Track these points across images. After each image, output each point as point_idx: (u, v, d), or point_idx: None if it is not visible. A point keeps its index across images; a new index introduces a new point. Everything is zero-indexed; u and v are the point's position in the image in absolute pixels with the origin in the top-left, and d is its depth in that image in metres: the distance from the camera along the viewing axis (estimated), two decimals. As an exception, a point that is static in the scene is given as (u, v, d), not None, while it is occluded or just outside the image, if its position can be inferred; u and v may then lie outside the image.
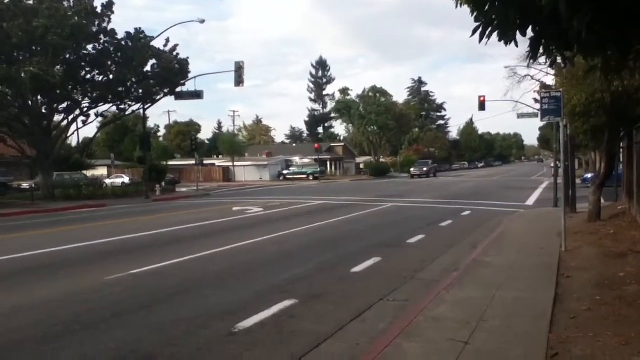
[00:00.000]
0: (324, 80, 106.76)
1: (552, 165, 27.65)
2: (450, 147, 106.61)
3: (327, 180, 59.26)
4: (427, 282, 8.39)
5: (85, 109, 33.00)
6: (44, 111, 31.75)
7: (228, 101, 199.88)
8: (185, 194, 37.97)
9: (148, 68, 32.86)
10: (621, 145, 17.05)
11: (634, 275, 7.76)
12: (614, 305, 6.41)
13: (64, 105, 31.95)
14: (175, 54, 33.71)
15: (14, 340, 5.98)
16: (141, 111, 35.47)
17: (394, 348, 5.24)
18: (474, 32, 5.03)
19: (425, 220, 17.50)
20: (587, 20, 4.31)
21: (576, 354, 4.94)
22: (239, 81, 31.28)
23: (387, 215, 19.67)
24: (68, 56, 30.00)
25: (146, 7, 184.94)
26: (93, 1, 30.26)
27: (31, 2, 28.36)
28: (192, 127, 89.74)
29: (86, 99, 32.33)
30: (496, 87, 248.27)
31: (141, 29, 31.97)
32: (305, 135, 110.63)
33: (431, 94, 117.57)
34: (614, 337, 5.29)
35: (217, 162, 70.58)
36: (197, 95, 34.61)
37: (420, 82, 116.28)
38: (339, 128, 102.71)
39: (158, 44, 33.48)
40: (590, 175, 36.77)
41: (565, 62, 6.13)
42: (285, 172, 65.13)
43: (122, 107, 34.62)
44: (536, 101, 30.72)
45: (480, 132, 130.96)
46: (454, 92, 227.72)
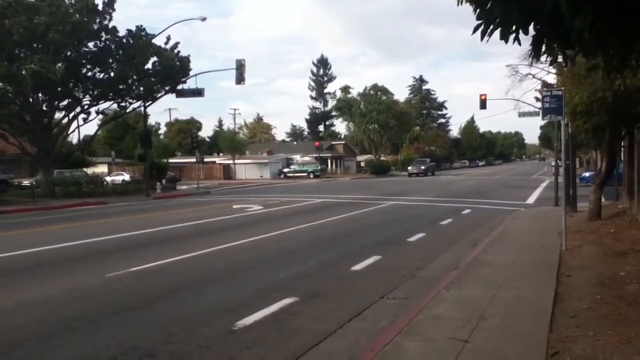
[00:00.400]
0: (325, 78, 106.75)
1: (553, 164, 27.64)
2: (451, 146, 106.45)
3: (328, 179, 59.25)
4: (427, 281, 8.39)
5: (86, 107, 33.01)
6: (44, 108, 31.76)
7: (229, 99, 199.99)
8: (186, 191, 37.99)
9: (149, 65, 32.84)
10: (622, 144, 17.04)
11: (634, 275, 7.76)
12: (614, 304, 6.41)
13: (65, 102, 31.97)
14: (176, 51, 33.70)
15: (16, 338, 5.99)
16: (142, 109, 35.48)
17: (393, 346, 5.24)
18: (475, 30, 5.02)
19: (426, 218, 17.50)
20: (589, 19, 4.29)
21: (576, 353, 4.94)
22: (240, 79, 31.26)
23: (387, 214, 19.68)
24: (69, 53, 30.04)
25: (148, 4, 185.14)
26: (94, -2, 30.26)
27: (32, 0, 28.36)
28: (193, 125, 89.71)
29: (87, 96, 32.32)
30: (497, 86, 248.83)
31: (142, 26, 31.93)
32: (306, 133, 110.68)
33: (432, 92, 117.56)
34: (614, 336, 5.29)
35: (218, 160, 70.60)
36: (198, 93, 34.59)
37: (421, 80, 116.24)
38: (340, 126, 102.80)
39: (159, 41, 33.43)
40: (588, 174, 36.67)
41: (566, 60, 6.11)
42: (285, 170, 65.14)
43: (123, 104, 34.65)
44: (537, 100, 30.59)
45: (482, 130, 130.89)
46: (455, 91, 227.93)
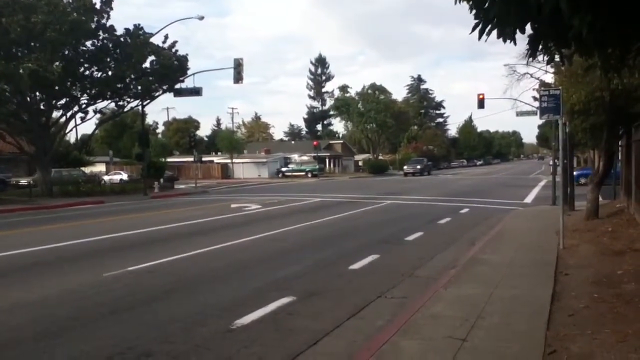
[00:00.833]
0: (323, 78, 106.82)
1: (551, 163, 27.65)
2: (449, 145, 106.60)
3: (326, 178, 59.24)
4: (425, 280, 8.39)
5: (84, 106, 32.93)
6: (42, 107, 31.67)
7: (227, 98, 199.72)
8: (184, 191, 37.94)
9: (147, 65, 32.79)
10: (620, 143, 17.06)
11: (631, 273, 7.78)
12: (611, 302, 6.41)
13: (63, 101, 31.88)
14: (174, 50, 33.66)
15: (12, 337, 5.97)
16: (140, 108, 35.48)
17: (391, 345, 5.24)
18: (473, 29, 5.02)
19: (424, 217, 17.51)
20: (588, 18, 4.29)
21: (574, 351, 4.94)
22: (237, 78, 31.26)
23: (385, 213, 19.68)
24: (67, 52, 29.93)
25: (146, 3, 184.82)
26: (92, -3, 30.17)
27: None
28: (191, 124, 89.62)
29: (85, 95, 32.27)
30: (495, 85, 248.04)
31: (140, 25, 31.88)
32: (304, 132, 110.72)
33: (430, 91, 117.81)
34: (611, 334, 5.29)
35: (216, 159, 70.57)
36: (195, 92, 34.57)
37: (419, 79, 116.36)
38: (338, 125, 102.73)
39: (157, 40, 33.50)
40: (575, 173, 36.32)
41: (562, 60, 6.10)
42: (283, 169, 65.14)
43: (121, 103, 34.57)
44: (535, 99, 30.65)
45: (479, 130, 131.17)
46: (453, 90, 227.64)
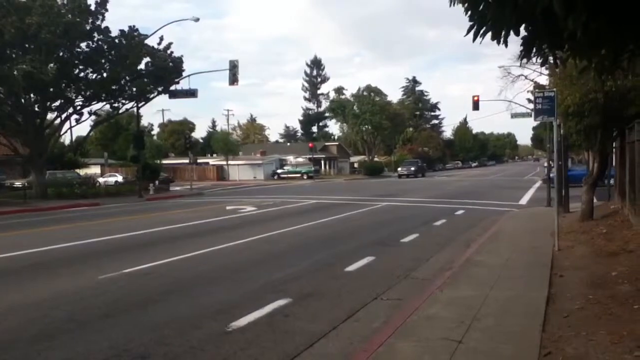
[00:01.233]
0: (319, 79, 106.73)
1: (545, 164, 27.71)
2: (444, 147, 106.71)
3: (321, 180, 59.25)
4: (420, 281, 8.41)
5: (79, 107, 32.81)
6: (36, 109, 31.52)
7: (222, 100, 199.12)
8: (179, 192, 37.87)
9: (142, 66, 32.68)
10: (614, 144, 17.14)
11: (626, 275, 7.80)
12: (606, 304, 6.43)
13: (57, 103, 31.74)
14: (169, 52, 33.54)
15: (7, 340, 5.95)
16: (135, 109, 35.38)
17: (387, 347, 5.24)
18: (468, 31, 5.03)
19: (419, 219, 17.53)
20: (583, 19, 4.30)
21: (569, 353, 4.95)
22: (233, 80, 31.22)
23: (381, 215, 19.69)
24: (61, 54, 29.81)
25: (142, 5, 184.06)
26: (86, -1, 30.09)
27: (24, 0, 28.18)
28: (186, 126, 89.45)
29: (79, 97, 32.14)
30: (490, 87, 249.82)
31: (135, 27, 31.79)
32: (300, 134, 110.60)
33: (425, 93, 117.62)
34: (606, 335, 5.31)
35: (211, 161, 70.39)
36: (191, 93, 34.49)
37: (414, 81, 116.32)
38: (334, 127, 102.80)
39: (152, 42, 33.28)
40: (553, 175, 35.80)
41: (556, 62, 6.13)
42: (279, 171, 65.07)
43: (116, 105, 34.45)
44: (530, 101, 30.79)
45: (474, 131, 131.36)
46: (448, 92, 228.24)
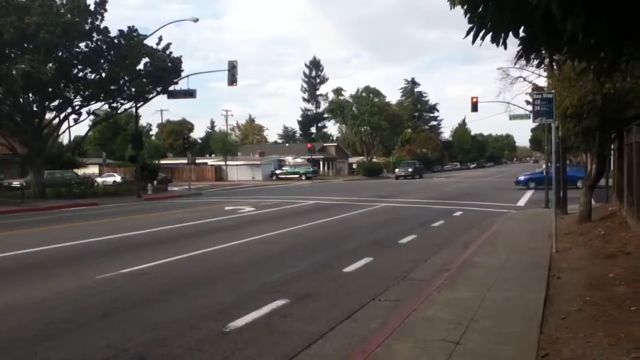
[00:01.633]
0: (318, 80, 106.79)
1: (543, 166, 27.72)
2: (442, 148, 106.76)
3: (320, 180, 59.25)
4: (418, 283, 8.41)
5: (77, 107, 32.80)
6: (35, 109, 31.50)
7: (221, 100, 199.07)
8: (177, 193, 37.85)
9: (141, 66, 32.69)
10: (612, 146, 17.16)
11: (623, 276, 7.81)
12: (603, 305, 6.44)
13: (56, 103, 31.72)
14: (168, 52, 33.58)
15: (6, 340, 5.95)
16: (133, 109, 35.35)
17: (385, 348, 5.25)
18: (467, 33, 5.04)
19: (417, 220, 17.54)
20: (581, 21, 4.31)
21: (566, 354, 4.96)
22: (232, 80, 31.22)
23: (379, 215, 19.70)
24: (60, 54, 29.78)
25: (141, 5, 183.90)
26: (86, -1, 30.07)
27: (23, 0, 28.16)
28: (185, 126, 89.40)
29: (78, 97, 32.11)
30: (489, 88, 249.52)
31: (134, 27, 31.81)
32: (298, 135, 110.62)
33: (424, 94, 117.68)
34: (603, 337, 5.32)
35: (210, 162, 70.40)
36: (189, 94, 34.49)
37: (413, 82, 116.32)
38: (332, 128, 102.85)
39: (151, 42, 33.31)
40: (523, 177, 34.88)
41: (552, 64, 6.15)
42: (277, 171, 65.08)
43: (114, 105, 34.43)
44: (528, 103, 30.84)
45: (473, 133, 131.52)
46: (447, 93, 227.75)
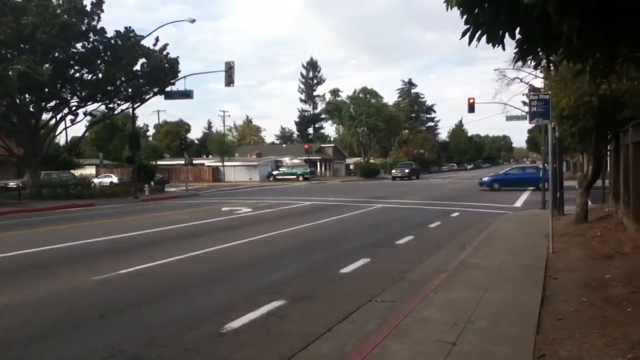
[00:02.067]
0: (315, 81, 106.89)
1: (540, 167, 27.76)
2: (439, 149, 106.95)
3: (317, 181, 59.25)
4: (415, 283, 8.41)
5: (74, 108, 32.80)
6: (31, 109, 31.49)
7: (218, 101, 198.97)
8: (175, 194, 37.80)
9: (137, 67, 32.69)
10: (608, 147, 17.22)
11: (619, 277, 7.83)
12: (600, 306, 6.45)
13: (52, 103, 31.74)
14: (165, 53, 33.59)
15: (2, 340, 5.93)
16: (130, 110, 35.34)
17: (382, 349, 5.25)
18: (463, 35, 5.05)
19: (414, 221, 17.55)
20: (577, 23, 4.32)
21: (563, 355, 4.97)
22: (229, 81, 31.25)
23: (376, 216, 19.71)
24: (57, 54, 29.75)
25: (138, 6, 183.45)
26: (82, -1, 30.04)
27: (20, 0, 28.10)
28: (182, 127, 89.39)
29: (75, 97, 32.13)
30: (486, 89, 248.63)
31: (131, 27, 31.86)
32: (296, 135, 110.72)
33: (421, 95, 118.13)
34: (600, 338, 5.33)
35: (207, 162, 70.38)
36: (186, 94, 34.51)
37: (410, 83, 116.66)
38: (329, 129, 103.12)
39: (148, 43, 33.27)
40: (487, 179, 35.13)
41: (549, 65, 6.17)
42: (275, 172, 65.08)
43: (111, 106, 34.45)
44: (525, 104, 30.91)
45: (470, 134, 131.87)
46: (444, 94, 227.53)
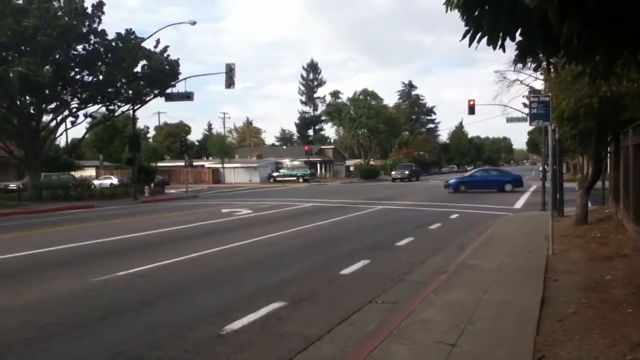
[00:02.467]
0: (315, 83, 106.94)
1: (540, 169, 27.79)
2: (439, 151, 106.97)
3: (317, 183, 59.26)
4: (415, 285, 8.41)
5: (74, 110, 32.85)
6: (32, 111, 31.53)
7: (218, 103, 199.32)
8: (175, 195, 37.80)
9: (138, 69, 32.74)
10: (608, 149, 17.23)
11: (619, 279, 7.83)
12: (600, 308, 6.45)
13: (53, 105, 31.78)
14: (165, 55, 33.63)
15: (1, 343, 5.93)
16: (131, 112, 35.37)
17: (382, 351, 5.25)
18: (463, 37, 5.05)
19: (414, 222, 17.55)
20: (577, 26, 4.33)
21: (563, 356, 4.97)
22: (229, 83, 31.26)
23: (376, 218, 19.70)
24: (57, 56, 29.80)
25: (139, 8, 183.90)
26: (83, 1, 30.04)
27: (20, 2, 28.16)
28: (182, 129, 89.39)
29: (75, 99, 32.17)
30: (486, 91, 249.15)
31: (132, 29, 31.92)
32: (296, 137, 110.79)
33: (421, 97, 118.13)
34: (600, 339, 5.33)
35: (207, 164, 70.46)
36: (187, 96, 34.55)
37: (410, 85, 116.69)
38: (330, 131, 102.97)
39: (149, 45, 33.41)
40: (453, 181, 35.07)
41: (549, 67, 6.17)
42: (275, 174, 65.12)
43: (112, 107, 34.50)
44: (525, 105, 30.91)
45: (470, 135, 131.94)
46: (444, 96, 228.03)
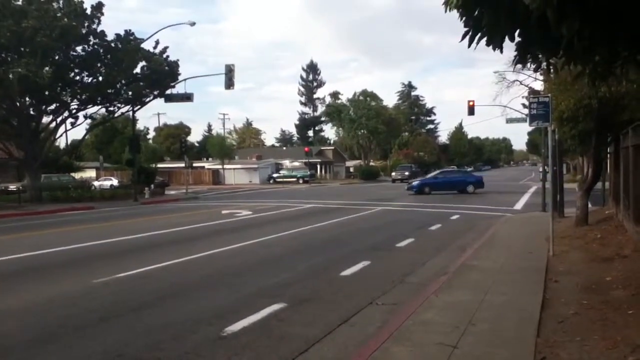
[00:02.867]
0: (315, 84, 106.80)
1: (540, 169, 27.80)
2: (439, 152, 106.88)
3: (317, 184, 59.25)
4: (416, 286, 8.40)
5: (74, 111, 32.84)
6: (32, 112, 31.51)
7: (218, 104, 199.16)
8: (175, 196, 37.77)
9: (138, 70, 32.73)
10: (608, 150, 17.22)
11: (620, 280, 7.83)
12: (600, 309, 6.45)
13: (53, 106, 31.77)
14: (165, 56, 33.60)
15: (2, 344, 5.92)
16: (130, 113, 35.34)
17: (382, 352, 5.24)
18: (463, 37, 5.05)
19: (415, 224, 17.54)
20: (576, 26, 4.33)
21: (563, 358, 4.96)
22: (229, 84, 31.24)
23: (376, 219, 19.70)
24: (57, 57, 29.78)
25: (139, 9, 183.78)
26: (82, 2, 30.05)
27: (20, 3, 28.16)
28: (182, 130, 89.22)
29: (75, 100, 32.16)
30: (486, 92, 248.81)
31: (131, 30, 31.94)
32: (296, 138, 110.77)
33: (421, 98, 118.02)
34: (600, 341, 5.32)
35: (207, 165, 70.39)
36: (187, 97, 34.53)
37: (410, 86, 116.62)
38: (329, 131, 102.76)
39: (148, 46, 33.31)
40: (416, 183, 34.63)
41: (549, 67, 6.16)
42: (275, 175, 65.09)
43: (111, 109, 34.50)
44: (525, 106, 30.91)
45: (470, 136, 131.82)
46: (444, 97, 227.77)
